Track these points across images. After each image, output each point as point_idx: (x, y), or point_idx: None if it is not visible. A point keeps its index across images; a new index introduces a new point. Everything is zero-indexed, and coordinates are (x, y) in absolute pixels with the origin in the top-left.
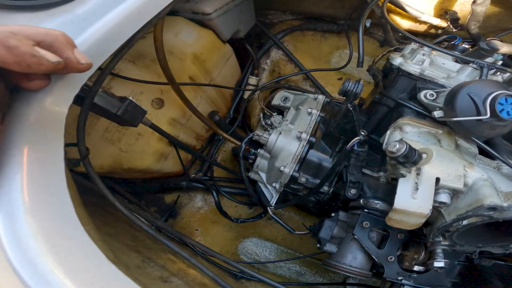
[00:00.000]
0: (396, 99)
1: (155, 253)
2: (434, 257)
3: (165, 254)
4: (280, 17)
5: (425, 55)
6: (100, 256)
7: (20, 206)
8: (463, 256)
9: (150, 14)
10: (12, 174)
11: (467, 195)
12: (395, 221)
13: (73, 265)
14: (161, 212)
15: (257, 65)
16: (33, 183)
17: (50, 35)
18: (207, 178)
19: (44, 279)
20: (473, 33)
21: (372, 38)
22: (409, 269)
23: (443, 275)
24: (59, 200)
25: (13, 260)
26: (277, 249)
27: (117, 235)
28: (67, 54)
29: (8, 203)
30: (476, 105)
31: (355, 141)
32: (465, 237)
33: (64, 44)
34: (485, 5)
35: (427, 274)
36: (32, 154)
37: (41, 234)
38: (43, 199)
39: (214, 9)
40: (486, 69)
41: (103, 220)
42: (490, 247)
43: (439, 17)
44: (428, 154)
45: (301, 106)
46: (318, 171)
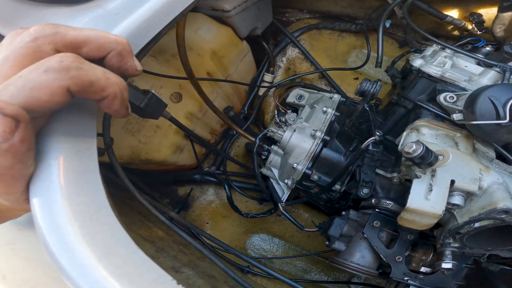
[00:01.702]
0: (414, 100)
1: (168, 244)
2: (443, 259)
3: (176, 246)
4: (297, 16)
5: (447, 57)
6: (130, 242)
7: (58, 192)
8: (471, 259)
9: (177, 9)
10: (50, 160)
11: (481, 198)
12: (407, 221)
13: (106, 250)
14: (173, 204)
15: (273, 62)
16: (69, 170)
17: (119, 43)
18: (220, 172)
19: (79, 263)
20: (498, 36)
21: (391, 38)
22: (416, 270)
23: (449, 277)
24: (92, 187)
25: (50, 244)
26: (284, 246)
27: (132, 225)
28: (130, 62)
29: (46, 189)
30: (496, 109)
31: (371, 141)
32: (475, 240)
33: (129, 51)
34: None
35: (434, 276)
36: (68, 141)
37: (77, 219)
38: (78, 186)
39: (233, 6)
40: (508, 73)
41: (119, 210)
42: (499, 250)
43: (463, 19)
44: (444, 156)
45: (316, 104)
46: (331, 169)
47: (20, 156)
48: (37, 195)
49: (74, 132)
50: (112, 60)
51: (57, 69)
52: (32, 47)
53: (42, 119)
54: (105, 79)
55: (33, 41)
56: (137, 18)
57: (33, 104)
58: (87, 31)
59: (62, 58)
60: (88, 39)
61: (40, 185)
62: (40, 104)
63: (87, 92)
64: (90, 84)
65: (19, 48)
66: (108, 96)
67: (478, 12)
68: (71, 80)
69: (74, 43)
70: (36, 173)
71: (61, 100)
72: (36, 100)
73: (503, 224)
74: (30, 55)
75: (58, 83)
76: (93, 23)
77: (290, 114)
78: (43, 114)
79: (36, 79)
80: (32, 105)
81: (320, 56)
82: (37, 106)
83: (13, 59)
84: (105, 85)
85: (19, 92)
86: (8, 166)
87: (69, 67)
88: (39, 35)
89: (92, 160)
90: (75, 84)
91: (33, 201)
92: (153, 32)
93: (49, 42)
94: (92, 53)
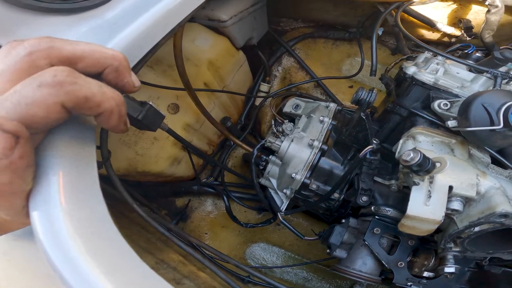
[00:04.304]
0: (409, 108)
1: (167, 255)
2: (445, 263)
3: (176, 257)
4: (292, 25)
5: (439, 64)
6: (134, 256)
7: (58, 207)
8: (473, 263)
9: (175, 20)
10: (50, 176)
11: (479, 203)
12: (408, 227)
13: (111, 265)
14: (171, 215)
15: (268, 72)
16: (69, 185)
17: (116, 59)
18: (218, 183)
19: (84, 278)
20: (487, 41)
21: (384, 46)
22: (418, 275)
23: (453, 281)
24: (93, 201)
25: (54, 259)
26: (284, 255)
27: (131, 236)
28: (128, 78)
29: (46, 204)
30: (489, 115)
31: (368, 149)
32: (476, 244)
33: (126, 67)
34: (499, 14)
35: (437, 280)
36: (68, 155)
37: (79, 234)
38: (79, 201)
39: (230, 17)
40: (500, 79)
41: (118, 222)
42: (500, 253)
43: (453, 26)
44: (442, 163)
45: (312, 114)
46: (329, 178)
47: (20, 172)
48: (37, 210)
49: (73, 146)
50: (109, 76)
51: (51, 83)
52: (27, 62)
53: (40, 135)
54: (100, 94)
55: (28, 56)
56: (135, 29)
57: (30, 120)
58: (83, 46)
59: (56, 72)
60: (84, 54)
61: (40, 199)
62: (36, 120)
63: (82, 108)
64: (85, 99)
65: (14, 63)
66: (104, 112)
67: (466, 18)
68: (66, 95)
69: (70, 58)
70: (36, 188)
71: (57, 117)
72: (32, 116)
73: (502, 228)
74: (25, 70)
75: (53, 99)
76: (91, 33)
77: (287, 124)
78: (40, 130)
79: (31, 95)
80: (28, 121)
81: (315, 65)
82: (34, 122)
83: (9, 74)
84: (100, 100)
85: (15, 108)
86: (8, 182)
87: (63, 82)
88: (34, 49)
89: (92, 174)
90: (70, 100)
91: (33, 215)
92: (151, 43)
93: (44, 57)
94: (88, 69)
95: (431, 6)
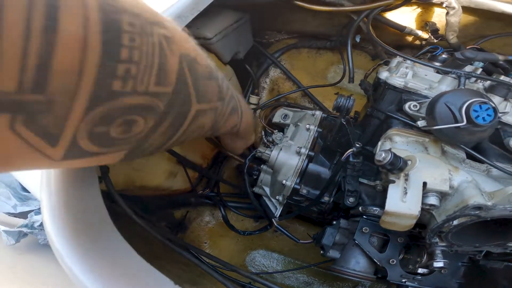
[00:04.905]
0: (385, 111)
1: (167, 262)
2: (434, 258)
3: (176, 264)
4: (276, 37)
5: (408, 68)
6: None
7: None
8: (466, 257)
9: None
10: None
11: (454, 197)
12: (388, 224)
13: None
14: (171, 226)
15: (256, 84)
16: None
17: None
18: (214, 194)
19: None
20: (452, 43)
21: (363, 52)
22: (413, 272)
23: (448, 276)
24: (98, 215)
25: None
26: (284, 260)
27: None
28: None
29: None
30: (453, 114)
31: (349, 153)
32: (461, 237)
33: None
34: (458, 16)
35: (432, 276)
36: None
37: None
38: (83, 219)
39: (214, 34)
40: (463, 78)
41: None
42: (487, 246)
43: (421, 29)
44: (412, 160)
45: (299, 122)
46: (318, 182)
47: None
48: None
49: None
50: None
51: None
52: None
53: None
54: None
55: None
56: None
57: None
58: None
59: None
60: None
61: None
62: None
63: None
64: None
65: None
66: None
67: (432, 21)
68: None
69: None
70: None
71: None
72: None
73: (480, 220)
74: None
75: None
76: None
77: (277, 134)
78: None
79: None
80: None
81: (301, 75)
82: None
83: None
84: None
85: None
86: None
87: None
88: None
89: (95, 192)
90: None
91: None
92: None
93: None
94: None
95: (399, 12)
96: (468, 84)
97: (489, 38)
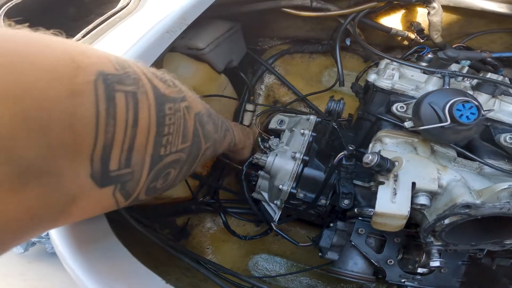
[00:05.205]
0: (375, 113)
1: (169, 268)
2: (430, 258)
3: (178, 269)
4: (269, 43)
5: (394, 70)
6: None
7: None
8: (466, 256)
9: (157, 52)
10: None
11: (443, 196)
12: (379, 224)
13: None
14: (173, 233)
15: (252, 91)
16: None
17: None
18: (214, 201)
19: None
20: (437, 42)
21: (356, 54)
22: (413, 272)
23: (449, 275)
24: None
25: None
26: (286, 263)
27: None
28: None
29: None
30: (437, 114)
31: (341, 156)
32: (456, 236)
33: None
34: (439, 15)
35: (433, 275)
36: None
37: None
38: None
39: (207, 44)
40: (447, 78)
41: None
42: (483, 244)
43: (407, 30)
44: (399, 162)
45: (295, 127)
46: (314, 186)
47: None
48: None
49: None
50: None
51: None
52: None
53: None
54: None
55: None
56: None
57: None
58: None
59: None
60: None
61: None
62: None
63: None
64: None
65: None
66: None
67: (416, 21)
68: None
69: None
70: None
71: None
72: None
73: (470, 218)
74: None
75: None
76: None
77: (273, 140)
78: None
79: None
80: None
81: (295, 80)
82: None
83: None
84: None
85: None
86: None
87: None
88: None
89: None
90: None
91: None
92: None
93: None
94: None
95: (385, 13)
96: (455, 83)
97: (475, 36)
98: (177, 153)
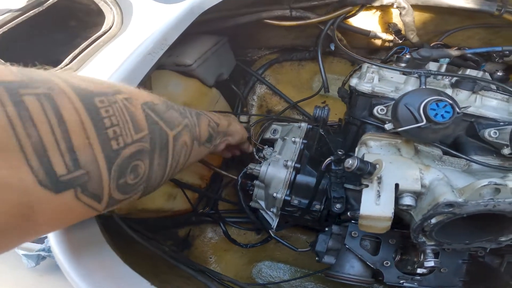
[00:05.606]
0: (359, 117)
1: (171, 277)
2: (425, 258)
3: (180, 278)
4: (258, 53)
5: (374, 73)
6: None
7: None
8: (467, 255)
9: (141, 74)
10: None
11: (427, 196)
12: (366, 227)
13: None
14: (176, 244)
15: (244, 103)
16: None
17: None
18: (214, 212)
19: None
20: (414, 42)
21: (343, 58)
22: (412, 272)
23: (451, 274)
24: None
25: None
26: (290, 270)
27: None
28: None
29: None
30: (413, 114)
31: (328, 161)
32: (447, 235)
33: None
34: (410, 15)
35: (433, 276)
36: None
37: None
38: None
39: (194, 60)
40: (423, 77)
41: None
42: (478, 242)
43: (385, 31)
44: (379, 164)
45: (286, 136)
46: (307, 192)
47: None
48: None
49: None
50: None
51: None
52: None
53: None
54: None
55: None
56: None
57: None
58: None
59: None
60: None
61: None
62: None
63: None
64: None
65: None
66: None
67: (393, 22)
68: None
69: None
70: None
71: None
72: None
73: (456, 217)
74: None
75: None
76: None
77: (267, 150)
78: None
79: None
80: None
81: (286, 88)
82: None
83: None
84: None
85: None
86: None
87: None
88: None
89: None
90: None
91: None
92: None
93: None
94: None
95: (363, 17)
96: (434, 82)
97: (451, 33)
98: (135, 143)
